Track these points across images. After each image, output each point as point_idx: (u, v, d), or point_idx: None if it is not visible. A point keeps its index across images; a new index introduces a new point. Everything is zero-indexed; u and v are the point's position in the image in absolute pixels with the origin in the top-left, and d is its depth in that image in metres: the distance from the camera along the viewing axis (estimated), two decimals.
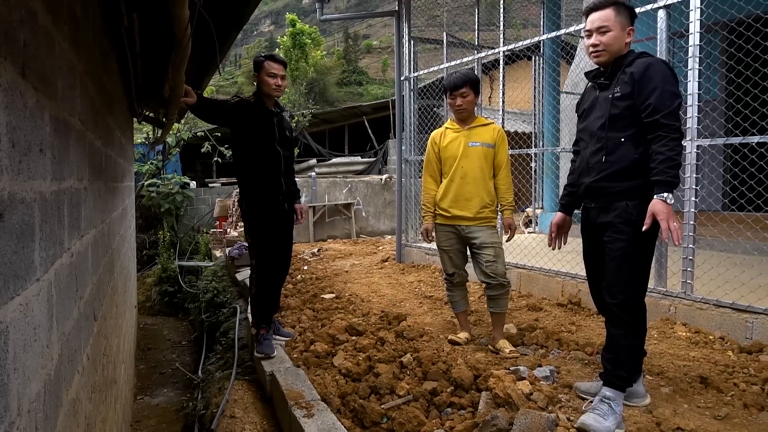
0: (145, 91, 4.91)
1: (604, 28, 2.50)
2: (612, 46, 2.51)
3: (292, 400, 2.62)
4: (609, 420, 2.32)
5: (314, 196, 10.21)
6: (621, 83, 2.48)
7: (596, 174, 2.54)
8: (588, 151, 2.62)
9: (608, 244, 2.52)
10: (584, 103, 2.74)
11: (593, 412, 2.36)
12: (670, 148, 2.31)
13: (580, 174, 2.70)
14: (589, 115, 2.66)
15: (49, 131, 1.28)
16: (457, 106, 3.58)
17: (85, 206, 1.90)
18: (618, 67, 2.52)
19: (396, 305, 4.78)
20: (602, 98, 2.57)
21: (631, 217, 2.43)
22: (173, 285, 9.10)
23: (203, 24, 2.30)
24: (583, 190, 2.66)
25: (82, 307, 1.77)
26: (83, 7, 1.92)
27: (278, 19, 69.93)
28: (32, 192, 1.10)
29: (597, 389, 2.59)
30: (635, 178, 2.44)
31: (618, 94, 2.47)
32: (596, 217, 2.60)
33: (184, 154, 14.34)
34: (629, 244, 2.45)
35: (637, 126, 2.44)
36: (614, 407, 2.38)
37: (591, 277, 2.81)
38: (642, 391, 2.66)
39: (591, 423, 2.30)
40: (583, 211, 2.76)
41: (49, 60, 1.31)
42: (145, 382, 5.77)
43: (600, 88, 2.62)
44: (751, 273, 3.78)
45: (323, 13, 7.03)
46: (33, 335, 1.07)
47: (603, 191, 2.53)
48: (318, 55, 16.94)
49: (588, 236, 2.75)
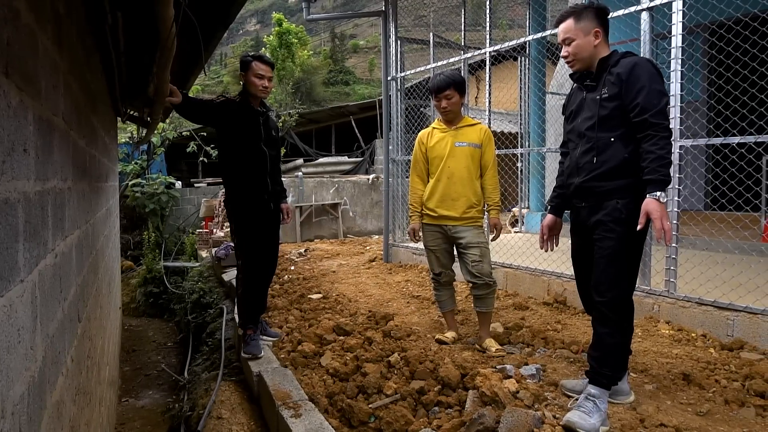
0: (130, 90, 4.86)
1: (568, 39, 2.58)
2: (580, 54, 2.57)
3: (279, 401, 2.62)
4: (594, 417, 2.34)
5: (301, 196, 10.18)
6: (608, 84, 2.50)
7: (586, 174, 2.56)
8: (577, 151, 2.64)
9: (597, 242, 2.54)
10: (571, 104, 2.77)
11: (578, 410, 2.38)
12: (660, 146, 2.33)
13: (569, 174, 2.72)
14: (577, 117, 2.68)
15: (32, 131, 1.26)
16: (442, 108, 3.59)
17: (69, 206, 1.88)
18: (603, 69, 2.54)
19: (383, 305, 4.79)
20: (590, 99, 2.60)
21: (621, 215, 2.46)
22: (158, 286, 9.01)
23: (188, 23, 2.29)
24: (573, 190, 2.68)
25: (66, 309, 1.75)
26: (66, 6, 1.90)
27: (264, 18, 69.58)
28: (16, 192, 1.09)
29: (583, 387, 2.61)
30: (625, 177, 2.46)
31: (606, 95, 2.49)
32: (586, 217, 2.62)
33: (170, 154, 14.21)
34: (619, 243, 2.47)
35: (626, 126, 2.47)
36: (599, 405, 2.40)
37: (579, 277, 2.84)
38: (626, 389, 2.69)
39: (576, 420, 2.32)
40: (573, 211, 2.79)
41: (33, 59, 1.29)
42: (130, 384, 5.71)
43: (587, 90, 2.64)
44: (732, 271, 3.85)
45: (309, 12, 7.02)
46: (17, 337, 1.06)
47: (593, 191, 2.55)
48: (305, 55, 16.87)
49: (577, 236, 2.78)
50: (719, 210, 5.69)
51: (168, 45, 2.08)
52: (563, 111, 2.88)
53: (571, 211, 2.82)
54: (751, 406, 2.56)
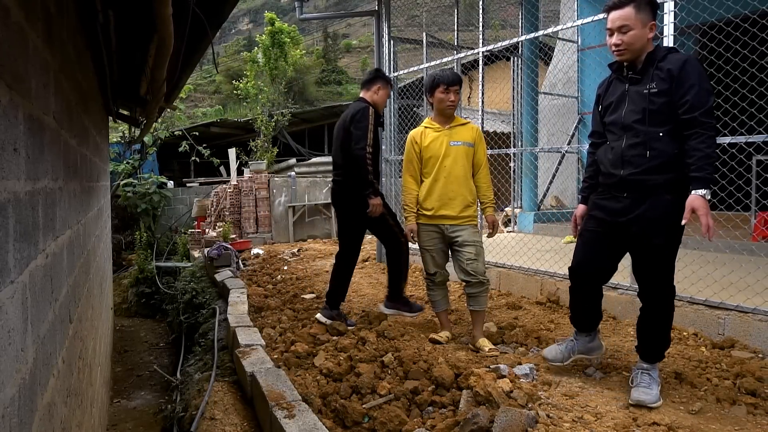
0: (121, 89, 4.82)
1: (626, 27, 2.52)
2: (634, 45, 2.53)
3: (272, 401, 2.60)
4: (653, 388, 2.61)
5: (294, 195, 10.15)
6: (657, 79, 2.50)
7: (635, 167, 2.57)
8: (622, 143, 2.63)
9: (646, 239, 2.59)
10: (610, 95, 2.74)
11: (640, 387, 2.62)
12: (707, 145, 2.38)
13: (612, 165, 2.69)
14: (618, 108, 2.67)
15: (23, 130, 1.25)
16: (450, 101, 3.62)
17: (60, 206, 1.86)
18: (650, 63, 2.54)
19: (377, 305, 4.79)
20: (634, 92, 2.59)
21: (672, 210, 2.51)
22: (150, 286, 8.95)
23: (181, 23, 2.27)
24: (617, 182, 2.66)
25: (58, 310, 1.73)
26: (57, 4, 1.88)
27: (257, 17, 69.35)
28: (6, 192, 1.07)
29: (564, 353, 2.97)
30: (674, 171, 2.51)
31: (654, 89, 2.50)
32: (627, 208, 2.63)
33: (162, 154, 14.12)
34: (670, 239, 2.58)
35: (673, 122, 2.50)
36: (653, 375, 2.67)
37: (586, 255, 2.87)
38: (598, 344, 3.05)
39: (643, 398, 2.56)
40: (606, 200, 2.76)
41: (23, 57, 1.28)
42: (122, 385, 5.67)
43: (630, 82, 2.63)
44: (722, 270, 3.88)
45: (303, 12, 6.99)
46: (8, 339, 1.05)
47: (643, 184, 2.57)
48: (297, 55, 16.80)
49: (602, 225, 2.77)
50: (710, 209, 5.73)
51: (166, 44, 2.06)
52: (598, 101, 2.85)
53: (601, 198, 2.80)
54: (743, 404, 2.58)
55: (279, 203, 10.08)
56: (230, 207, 9.94)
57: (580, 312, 2.99)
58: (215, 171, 14.35)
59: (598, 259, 2.83)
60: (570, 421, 2.44)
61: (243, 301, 4.71)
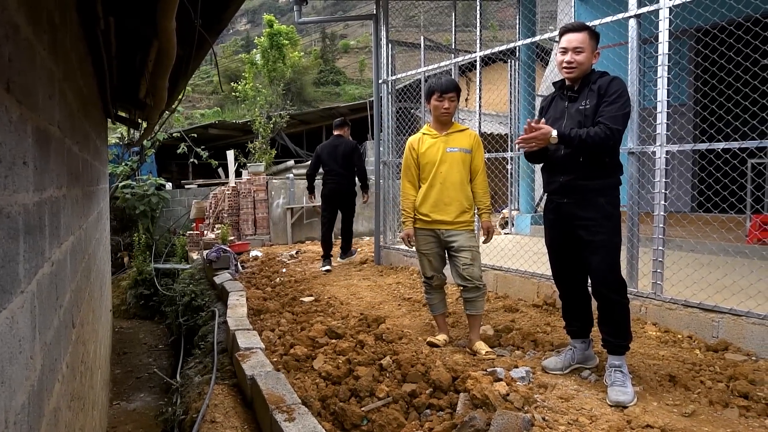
0: (120, 91, 4.84)
1: (580, 49, 2.88)
2: (583, 65, 2.90)
3: (272, 404, 2.63)
4: (628, 385, 2.76)
5: (292, 197, 10.18)
6: (590, 96, 2.86)
7: (572, 173, 2.90)
8: (561, 152, 2.94)
9: (589, 236, 2.88)
10: (552, 110, 3.09)
11: (614, 386, 2.76)
12: (594, 134, 2.72)
13: (551, 173, 3.03)
14: (558, 122, 2.99)
15: (31, 143, 1.27)
16: (444, 109, 3.64)
17: (64, 213, 1.89)
18: (586, 83, 2.90)
19: (375, 308, 4.82)
20: (572, 108, 2.94)
21: (608, 212, 2.86)
22: (149, 288, 8.96)
23: (182, 32, 2.30)
24: (557, 187, 2.98)
25: (62, 316, 1.76)
26: (61, 14, 1.91)
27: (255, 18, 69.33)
28: (17, 205, 1.10)
29: (563, 363, 3.11)
30: (607, 177, 2.88)
31: (588, 106, 2.86)
32: (571, 211, 2.94)
33: (160, 155, 14.14)
34: (610, 235, 2.86)
35: None
36: (624, 370, 2.83)
37: (558, 264, 3.17)
38: (592, 354, 3.21)
39: (621, 398, 2.68)
40: (553, 206, 3.08)
41: (31, 71, 1.30)
42: (121, 387, 5.69)
43: (569, 100, 2.97)
44: (717, 274, 3.92)
45: (301, 15, 7.03)
46: (18, 347, 1.08)
47: (579, 188, 2.90)
48: (295, 56, 16.84)
49: (557, 229, 3.08)
50: (705, 213, 5.78)
51: (169, 55, 2.10)
52: (541, 114, 3.16)
53: (550, 207, 3.12)
54: (735, 406, 2.62)
55: (277, 205, 10.11)
56: (228, 209, 9.96)
57: (570, 317, 3.19)
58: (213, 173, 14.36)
59: (567, 265, 3.11)
60: (565, 423, 2.48)
61: (242, 303, 4.74)
